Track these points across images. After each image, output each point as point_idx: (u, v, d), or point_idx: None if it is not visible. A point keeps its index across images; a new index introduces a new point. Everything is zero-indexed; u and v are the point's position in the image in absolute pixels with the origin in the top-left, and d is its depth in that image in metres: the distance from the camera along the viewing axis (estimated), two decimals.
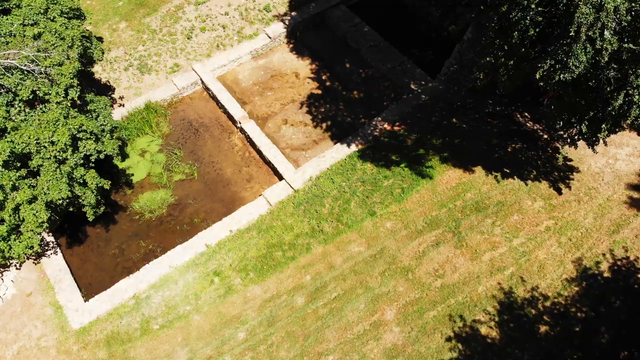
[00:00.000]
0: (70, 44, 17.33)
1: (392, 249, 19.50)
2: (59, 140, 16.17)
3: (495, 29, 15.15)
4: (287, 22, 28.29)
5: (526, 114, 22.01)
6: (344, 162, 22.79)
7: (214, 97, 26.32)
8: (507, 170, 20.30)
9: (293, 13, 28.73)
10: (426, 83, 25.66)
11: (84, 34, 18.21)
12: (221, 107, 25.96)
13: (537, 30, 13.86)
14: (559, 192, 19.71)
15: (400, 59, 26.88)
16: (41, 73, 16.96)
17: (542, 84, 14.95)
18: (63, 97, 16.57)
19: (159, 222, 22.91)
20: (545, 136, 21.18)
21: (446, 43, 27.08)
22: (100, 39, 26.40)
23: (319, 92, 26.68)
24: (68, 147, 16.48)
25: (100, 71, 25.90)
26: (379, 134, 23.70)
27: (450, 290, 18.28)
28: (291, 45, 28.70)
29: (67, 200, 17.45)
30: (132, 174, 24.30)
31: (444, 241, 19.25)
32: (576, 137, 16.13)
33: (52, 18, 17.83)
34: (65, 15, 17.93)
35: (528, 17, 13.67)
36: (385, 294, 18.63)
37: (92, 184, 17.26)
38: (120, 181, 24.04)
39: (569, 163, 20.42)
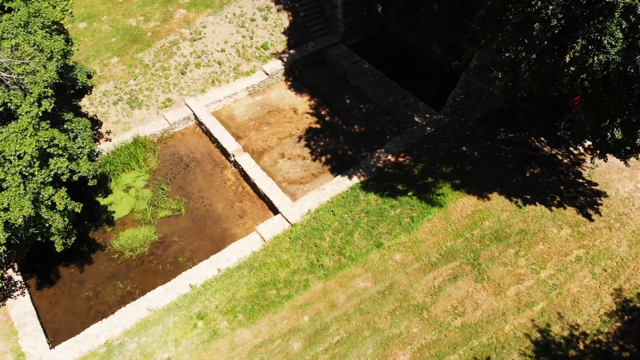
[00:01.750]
0: (49, 56, 16.00)
1: (403, 284, 17.02)
2: (25, 153, 14.33)
3: (513, 23, 13.88)
4: (285, 60, 27.51)
5: (542, 138, 20.42)
6: (346, 194, 20.84)
7: (207, 132, 24.85)
8: (528, 197, 18.31)
9: (291, 51, 28.07)
10: (431, 116, 24.33)
11: (66, 49, 16.91)
12: (214, 141, 24.42)
13: (560, 20, 12.54)
14: (588, 218, 17.60)
15: (403, 93, 25.76)
16: (14, 83, 15.49)
17: (567, 81, 13.36)
18: (36, 106, 14.95)
19: (139, 262, 20.51)
20: (566, 160, 19.42)
21: (450, 79, 26.11)
22: (90, 75, 25.39)
23: (318, 126, 25.28)
24: (35, 160, 14.60)
25: (87, 105, 24.61)
26: (383, 166, 21.95)
27: (472, 330, 15.60)
28: (289, 83, 27.74)
29: (32, 224, 15.29)
30: (114, 211, 22.22)
31: (462, 274, 16.83)
32: (608, 144, 14.23)
33: (32, 32, 16.66)
34: (47, 30, 16.78)
35: (550, 7, 12.39)
36: (396, 336, 15.90)
37: (60, 204, 15.15)
38: (100, 218, 21.93)
39: (594, 188, 18.50)
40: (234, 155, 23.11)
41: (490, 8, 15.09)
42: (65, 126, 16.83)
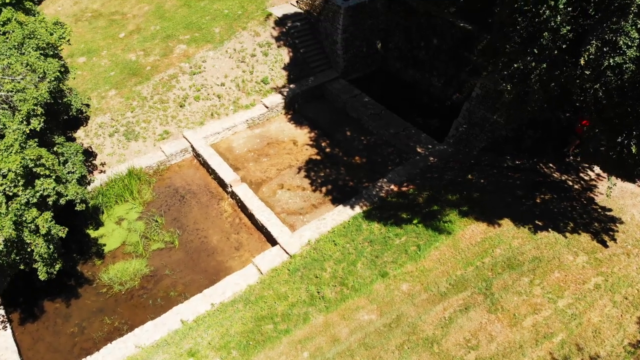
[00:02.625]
0: (41, 76, 15.57)
1: (411, 315, 15.77)
2: (9, 171, 13.57)
3: (521, 34, 13.48)
4: (285, 94, 27.33)
5: (551, 165, 19.74)
6: (348, 223, 19.92)
7: (204, 164, 24.21)
8: (539, 223, 17.38)
9: (291, 85, 27.95)
10: (433, 146, 23.79)
11: (61, 71, 16.52)
12: (212, 172, 23.72)
13: (569, 29, 12.15)
14: (604, 244, 16.61)
15: (404, 124, 25.37)
16: (4, 101, 14.97)
17: (580, 92, 12.79)
18: (24, 124, 14.34)
19: (129, 296, 19.27)
20: (577, 186, 18.64)
21: (451, 112, 25.78)
22: (86, 107, 25.08)
23: (318, 157, 24.68)
24: (20, 179, 13.81)
25: (82, 136, 24.11)
26: (386, 195, 21.15)
27: None
28: (289, 116, 27.42)
29: (13, 249, 14.30)
30: (105, 244, 21.19)
31: (474, 305, 15.62)
32: (621, 163, 13.49)
33: (26, 52, 16.33)
34: (42, 52, 16.46)
35: (559, 16, 12.03)
36: None
37: (43, 227, 14.21)
38: (90, 251, 20.87)
39: (608, 213, 17.60)
40: (231, 186, 22.35)
41: (496, 21, 14.77)
42: (55, 149, 16.15)
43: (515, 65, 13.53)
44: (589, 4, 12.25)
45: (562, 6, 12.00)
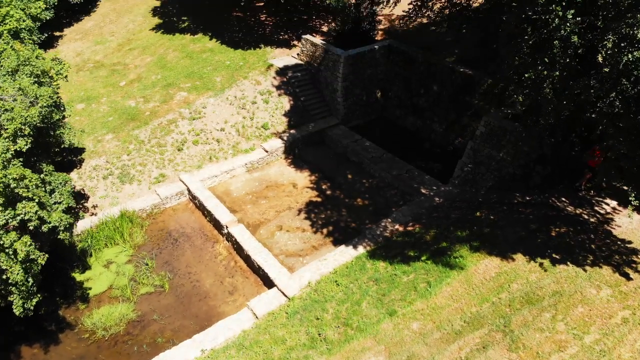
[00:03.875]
0: (32, 100, 15.10)
1: (424, 356, 14.14)
2: None
3: (530, 44, 13.10)
4: (285, 139, 26.99)
5: (563, 199, 18.82)
6: (351, 264, 18.67)
7: (200, 206, 23.27)
8: (557, 256, 16.16)
9: (292, 131, 27.68)
10: (438, 188, 23.00)
11: (53, 98, 16.10)
12: (207, 214, 22.73)
13: (579, 38, 11.79)
14: (627, 277, 15.30)
15: (406, 167, 24.76)
16: None
17: (596, 102, 12.14)
18: (9, 142, 13.64)
19: (112, 342, 17.62)
20: (593, 220, 17.59)
21: (454, 157, 25.23)
22: (81, 150, 24.63)
23: (319, 199, 23.80)
24: None
25: (75, 178, 23.35)
26: (390, 235, 20.06)
27: None
28: (289, 160, 26.88)
29: None
30: (90, 287, 19.76)
31: (493, 343, 14.05)
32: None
33: (19, 79, 15.99)
34: (36, 79, 16.13)
35: (567, 25, 11.72)
36: None
37: (22, 252, 13.06)
38: (74, 294, 19.41)
39: (629, 246, 16.42)
40: (227, 227, 21.26)
41: (504, 34, 14.50)
42: (42, 176, 15.32)
43: (527, 75, 13.06)
44: (597, 18, 12.01)
45: (570, 16, 11.75)
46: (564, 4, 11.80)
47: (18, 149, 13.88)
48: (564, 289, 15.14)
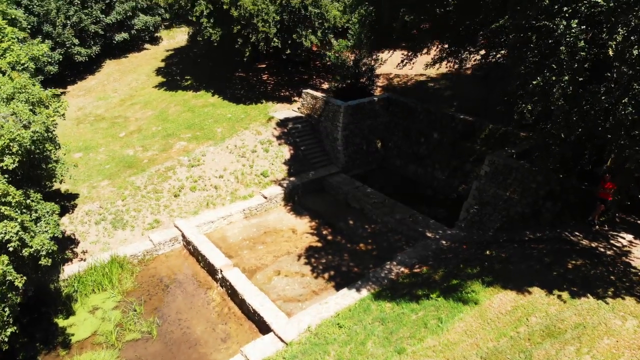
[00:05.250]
0: (25, 123, 14.69)
1: None
2: None
3: (535, 53, 12.77)
4: (284, 185, 26.39)
5: (577, 233, 17.80)
6: (354, 306, 17.30)
7: (194, 252, 22.15)
8: (575, 289, 14.89)
9: (291, 178, 27.15)
10: (444, 231, 22.03)
11: (47, 124, 15.72)
12: (201, 259, 21.56)
13: (586, 43, 11.51)
14: None
15: (410, 211, 23.90)
16: None
17: (609, 109, 11.57)
18: None
19: None
20: (610, 252, 16.47)
21: (458, 203, 24.48)
22: (75, 196, 23.97)
23: (320, 244, 22.71)
24: None
25: (67, 223, 22.45)
26: (396, 277, 18.83)
27: None
28: (289, 207, 26.07)
29: None
30: (73, 333, 18.23)
31: None
32: None
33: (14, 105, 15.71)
34: (32, 107, 15.85)
35: (573, 29, 11.50)
36: None
37: None
38: (55, 340, 17.87)
39: None
40: (221, 271, 20.04)
41: (509, 47, 14.24)
42: (28, 202, 14.52)
43: (534, 82, 12.65)
44: (602, 31, 11.83)
45: (575, 25, 11.58)
46: (567, 15, 11.71)
47: (4, 167, 13.21)
48: (586, 321, 13.77)
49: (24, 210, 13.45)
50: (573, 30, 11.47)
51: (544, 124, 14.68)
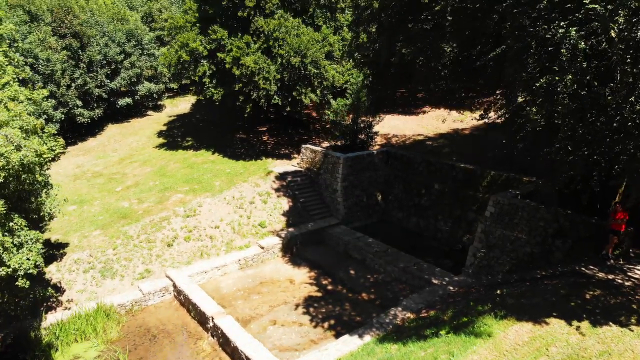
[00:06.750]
0: (16, 146, 14.29)
1: None
2: None
3: (536, 58, 12.51)
4: (282, 236, 25.48)
5: (592, 266, 16.70)
6: (357, 351, 15.86)
7: (185, 302, 20.81)
8: (595, 318, 13.63)
9: (290, 229, 26.29)
10: (450, 279, 20.86)
11: (39, 150, 15.32)
12: (192, 309, 20.17)
13: (586, 45, 11.33)
14: None
15: (414, 260, 22.82)
16: None
17: (616, 109, 11.06)
18: None
19: None
20: (628, 283, 15.32)
21: (463, 254, 23.55)
22: (65, 244, 23.07)
23: (319, 294, 21.39)
24: None
25: (54, 271, 21.34)
26: (402, 323, 17.48)
27: None
28: (287, 258, 24.98)
29: None
30: None
31: None
32: None
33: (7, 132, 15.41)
34: (25, 134, 15.54)
35: (573, 30, 11.39)
36: None
37: None
38: None
39: None
40: (213, 319, 18.63)
41: (509, 59, 14.06)
42: (11, 225, 13.74)
43: (538, 84, 12.30)
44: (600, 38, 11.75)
45: (574, 32, 11.54)
46: (563, 24, 11.72)
47: None
48: (611, 349, 12.42)
49: (5, 233, 12.64)
50: (572, 34, 11.41)
51: (549, 148, 14.26)
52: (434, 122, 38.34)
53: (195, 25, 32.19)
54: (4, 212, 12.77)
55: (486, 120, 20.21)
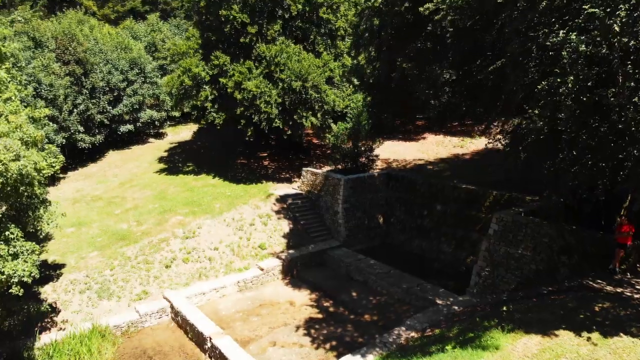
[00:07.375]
0: (14, 156, 14.18)
1: None
2: None
3: (537, 62, 12.47)
4: (283, 258, 25.07)
5: (599, 280, 16.28)
6: None
7: (182, 323, 20.26)
8: (606, 330, 13.18)
9: (290, 251, 25.90)
10: (455, 298, 20.39)
11: (37, 163, 15.21)
12: (190, 330, 19.62)
13: (587, 47, 11.33)
14: None
15: (417, 281, 22.37)
16: None
17: (620, 111, 10.96)
18: None
19: None
20: (638, 295, 14.90)
21: (467, 275, 23.07)
22: (62, 265, 22.69)
23: (320, 316, 20.85)
24: None
25: (49, 291, 20.89)
26: (406, 342, 16.93)
27: None
28: (287, 280, 24.50)
29: None
30: None
31: None
32: None
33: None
34: (25, 146, 15.47)
35: (574, 34, 11.43)
36: None
37: None
38: None
39: None
40: (210, 339, 18.07)
41: (509, 64, 14.04)
42: (6, 234, 13.48)
43: (539, 87, 12.23)
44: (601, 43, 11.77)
45: (574, 37, 11.60)
46: (562, 31, 11.81)
47: None
48: (624, 359, 11.94)
49: (0, 242, 12.38)
50: (573, 38, 11.46)
51: (552, 160, 14.14)
52: (434, 147, 38.48)
53: (198, 51, 32.70)
54: (0, 217, 12.53)
55: (491, 142, 20.27)
